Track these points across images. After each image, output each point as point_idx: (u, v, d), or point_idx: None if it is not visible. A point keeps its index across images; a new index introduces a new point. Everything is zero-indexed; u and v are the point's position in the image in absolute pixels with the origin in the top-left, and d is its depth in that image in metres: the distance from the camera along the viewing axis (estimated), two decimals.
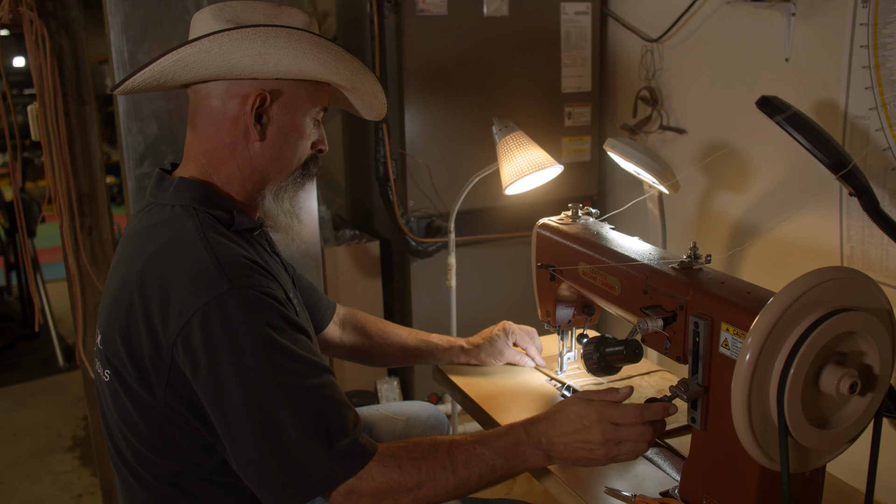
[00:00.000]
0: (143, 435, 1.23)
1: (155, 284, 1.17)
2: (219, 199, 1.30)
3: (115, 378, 1.23)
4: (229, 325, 1.12)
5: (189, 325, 1.12)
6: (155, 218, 1.27)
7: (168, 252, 1.19)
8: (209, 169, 1.31)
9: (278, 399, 1.12)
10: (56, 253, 2.65)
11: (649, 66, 2.52)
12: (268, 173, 1.33)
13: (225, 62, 1.23)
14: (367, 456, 1.17)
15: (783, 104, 1.40)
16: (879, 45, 1.74)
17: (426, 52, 2.45)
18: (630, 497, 1.26)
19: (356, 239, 2.76)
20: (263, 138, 1.30)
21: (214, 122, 1.29)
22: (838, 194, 1.89)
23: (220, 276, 1.14)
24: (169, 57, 1.22)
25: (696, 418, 1.19)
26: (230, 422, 1.14)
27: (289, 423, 1.12)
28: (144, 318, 1.16)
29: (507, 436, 1.26)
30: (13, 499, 3.02)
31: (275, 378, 1.13)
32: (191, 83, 1.30)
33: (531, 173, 1.83)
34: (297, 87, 1.30)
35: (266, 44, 1.22)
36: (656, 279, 1.28)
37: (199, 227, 1.21)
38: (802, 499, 1.16)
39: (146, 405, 1.20)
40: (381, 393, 2.70)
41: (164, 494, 1.26)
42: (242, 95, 1.27)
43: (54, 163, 2.20)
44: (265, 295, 1.17)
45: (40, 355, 4.50)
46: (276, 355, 1.14)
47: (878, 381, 1.07)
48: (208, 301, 1.12)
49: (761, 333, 1.01)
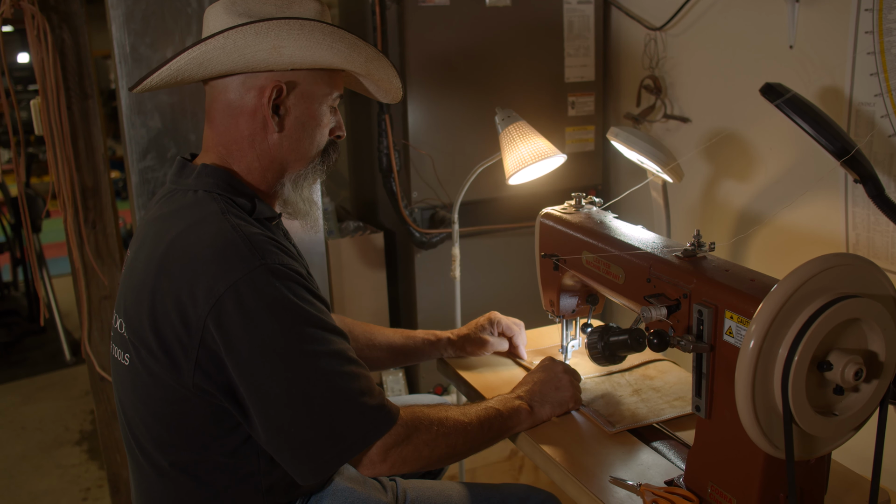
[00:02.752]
0: (164, 419, 1.24)
1: (182, 264, 1.18)
2: (241, 186, 1.32)
3: (139, 361, 1.24)
4: (263, 298, 1.15)
5: (221, 302, 1.14)
6: (178, 203, 1.29)
7: (194, 233, 1.21)
8: (229, 160, 1.33)
9: (312, 367, 1.18)
10: (61, 248, 2.65)
11: (653, 54, 2.50)
12: (287, 163, 1.35)
13: (240, 57, 1.24)
14: (395, 413, 1.25)
15: (787, 91, 1.40)
16: (885, 31, 1.72)
17: (428, 43, 2.44)
18: (635, 486, 1.26)
19: (360, 230, 2.76)
20: (282, 129, 1.32)
21: (232, 116, 1.31)
22: (843, 182, 1.88)
23: (252, 252, 1.17)
24: (185, 55, 1.24)
25: (701, 406, 1.19)
26: (264, 393, 1.17)
27: (322, 389, 1.18)
28: (173, 299, 1.18)
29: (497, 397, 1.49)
30: (22, 492, 3.04)
31: (307, 347, 1.18)
32: (207, 79, 1.31)
33: (534, 163, 1.83)
34: (313, 76, 1.31)
35: (280, 36, 1.23)
36: (660, 267, 1.28)
37: (223, 209, 1.24)
38: (807, 487, 1.16)
39: (170, 387, 1.21)
40: (387, 385, 2.70)
41: (179, 482, 1.27)
42: (259, 88, 1.28)
43: (58, 157, 2.21)
44: (292, 271, 1.20)
45: (47, 350, 4.52)
46: (308, 326, 1.18)
47: (884, 368, 1.07)
48: (241, 277, 1.15)
49: (765, 321, 1.01)
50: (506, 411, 1.43)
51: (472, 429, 1.36)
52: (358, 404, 1.20)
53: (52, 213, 5.01)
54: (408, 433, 1.26)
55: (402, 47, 2.42)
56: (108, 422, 2.48)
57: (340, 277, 2.66)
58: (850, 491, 1.26)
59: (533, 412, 1.46)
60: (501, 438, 1.44)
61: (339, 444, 1.19)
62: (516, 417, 1.44)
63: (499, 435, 1.42)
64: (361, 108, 2.81)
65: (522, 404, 1.46)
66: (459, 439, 1.33)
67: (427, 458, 1.29)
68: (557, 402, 1.50)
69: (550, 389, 1.50)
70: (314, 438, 1.18)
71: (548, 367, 1.55)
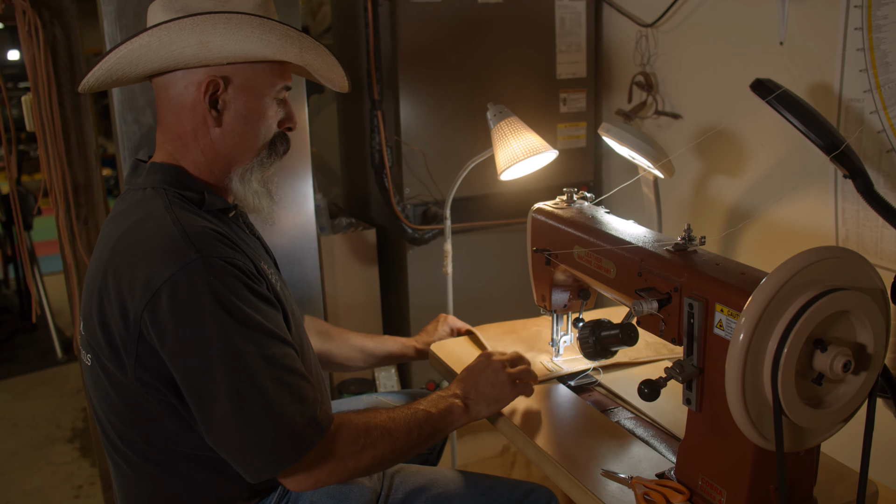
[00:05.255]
0: (124, 416, 1.25)
1: (125, 261, 1.19)
2: (189, 181, 1.32)
3: (96, 361, 1.25)
4: (197, 294, 1.14)
5: (157, 296, 1.14)
6: (128, 202, 1.31)
7: (137, 229, 1.22)
8: (176, 155, 1.33)
9: (241, 370, 1.15)
10: (52, 246, 2.65)
11: (644, 51, 2.51)
12: (231, 157, 1.34)
13: (168, 54, 1.24)
14: (328, 422, 1.23)
15: (777, 87, 1.40)
16: (874, 27, 1.73)
17: (420, 39, 2.44)
18: (626, 479, 1.27)
19: (352, 227, 2.76)
20: (220, 124, 1.31)
21: (175, 111, 1.31)
22: (833, 178, 1.89)
23: (188, 246, 1.16)
24: (113, 55, 1.24)
25: (692, 399, 1.19)
26: (197, 392, 1.16)
27: (251, 394, 1.16)
28: (116, 295, 1.18)
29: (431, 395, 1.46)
30: (14, 489, 3.03)
31: (238, 348, 1.15)
32: (147, 76, 1.31)
33: (526, 158, 1.83)
34: (252, 69, 1.31)
35: (206, 31, 1.23)
36: (651, 261, 1.28)
37: (167, 204, 1.24)
38: (797, 478, 1.16)
39: (122, 384, 1.22)
40: (379, 381, 2.70)
41: (152, 475, 1.27)
42: (197, 83, 1.28)
43: (49, 153, 2.20)
44: (231, 265, 1.19)
45: (39, 348, 4.51)
46: (240, 326, 1.16)
47: (872, 361, 1.08)
48: (176, 271, 1.14)
49: (755, 313, 1.02)
50: (437, 412, 1.40)
51: (400, 435, 1.33)
52: (285, 414, 1.17)
53: (44, 210, 4.99)
54: (332, 447, 1.24)
55: (393, 43, 2.42)
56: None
57: (333, 274, 2.66)
58: (838, 483, 1.27)
59: (468, 410, 1.44)
60: (436, 440, 1.41)
61: (269, 455, 1.17)
62: (449, 417, 1.42)
63: (431, 437, 1.39)
64: (353, 105, 2.81)
65: (456, 402, 1.44)
66: (387, 447, 1.31)
67: (353, 470, 1.27)
68: (493, 399, 1.47)
69: (486, 386, 1.47)
70: (244, 444, 1.17)
71: (483, 362, 1.52)
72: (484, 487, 1.49)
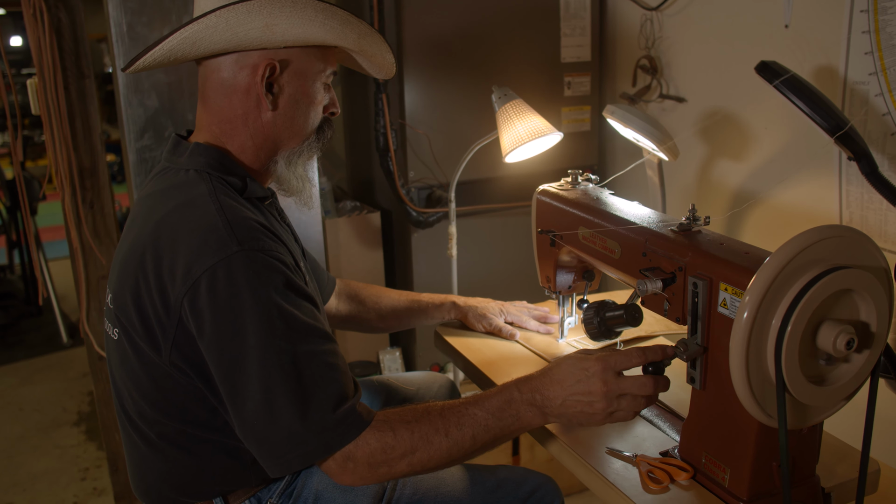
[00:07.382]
0: (148, 394, 1.25)
1: (166, 244, 1.19)
2: (233, 165, 1.32)
3: (124, 336, 1.25)
4: (235, 286, 1.14)
5: (197, 285, 1.14)
6: (170, 181, 1.30)
7: (180, 214, 1.22)
8: (223, 138, 1.33)
9: (277, 364, 1.14)
10: (58, 231, 2.66)
11: (648, 34, 2.51)
12: (281, 140, 1.35)
13: (233, 36, 1.24)
14: (363, 424, 1.18)
15: (782, 69, 1.40)
16: (879, 10, 1.73)
17: (425, 23, 2.44)
18: (631, 457, 1.28)
19: (357, 210, 2.77)
20: (276, 107, 1.31)
21: (226, 94, 1.31)
22: (837, 160, 1.89)
23: (230, 237, 1.16)
24: (177, 35, 1.23)
25: (696, 378, 1.20)
26: (232, 384, 1.16)
27: (286, 388, 1.14)
28: (155, 277, 1.18)
29: (499, 395, 1.25)
30: (21, 472, 3.05)
31: (275, 343, 1.14)
32: (200, 58, 1.31)
33: (531, 140, 1.84)
34: (306, 53, 1.31)
35: (272, 14, 1.23)
36: (655, 241, 1.29)
37: (211, 191, 1.23)
38: (800, 455, 1.18)
39: (152, 364, 1.23)
40: (384, 363, 2.72)
41: (168, 454, 1.28)
42: (252, 66, 1.28)
43: (55, 137, 2.21)
44: (273, 259, 1.18)
45: (44, 332, 4.53)
46: (278, 320, 1.15)
47: (875, 339, 1.08)
48: (217, 262, 1.14)
49: (759, 292, 1.03)
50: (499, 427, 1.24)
51: (441, 445, 1.21)
52: (323, 410, 1.15)
53: (49, 196, 4.99)
54: (381, 445, 1.18)
55: (398, 26, 2.42)
56: (106, 401, 2.49)
57: (337, 257, 2.67)
58: (841, 461, 1.28)
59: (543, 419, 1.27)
60: (487, 451, 1.27)
61: (301, 447, 1.15)
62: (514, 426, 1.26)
63: (483, 448, 1.25)
64: (358, 88, 2.81)
65: (534, 418, 1.26)
66: (424, 456, 1.20)
67: (400, 473, 1.21)
68: (578, 423, 1.26)
69: (580, 407, 1.23)
70: (275, 436, 1.15)
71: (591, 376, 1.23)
72: (491, 486, 1.47)
